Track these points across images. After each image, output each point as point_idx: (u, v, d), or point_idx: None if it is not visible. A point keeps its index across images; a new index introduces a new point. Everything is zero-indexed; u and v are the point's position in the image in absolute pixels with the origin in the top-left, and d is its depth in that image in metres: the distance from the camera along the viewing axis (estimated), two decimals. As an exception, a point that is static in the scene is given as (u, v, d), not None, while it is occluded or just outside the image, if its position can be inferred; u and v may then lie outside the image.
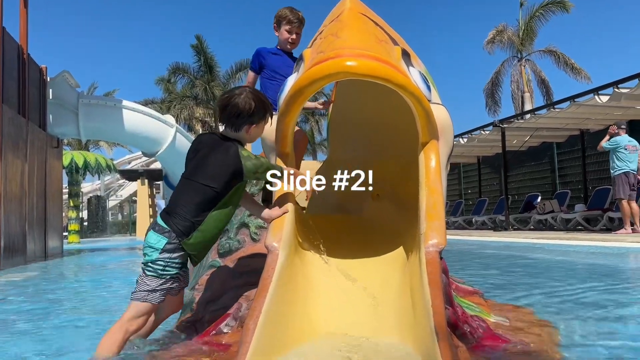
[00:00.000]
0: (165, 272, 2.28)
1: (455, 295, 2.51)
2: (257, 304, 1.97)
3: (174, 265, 2.29)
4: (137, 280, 2.31)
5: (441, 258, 2.14)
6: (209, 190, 2.28)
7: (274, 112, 2.57)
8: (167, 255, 2.26)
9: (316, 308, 2.31)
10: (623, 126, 10.09)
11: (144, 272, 2.29)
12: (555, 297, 3.67)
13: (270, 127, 2.56)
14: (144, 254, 2.30)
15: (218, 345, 2.31)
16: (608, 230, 11.23)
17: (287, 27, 3.40)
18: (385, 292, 2.35)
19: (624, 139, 9.77)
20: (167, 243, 2.25)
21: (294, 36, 3.43)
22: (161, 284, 2.28)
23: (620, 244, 7.59)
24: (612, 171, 9.83)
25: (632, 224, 9.54)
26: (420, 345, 1.88)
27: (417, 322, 1.96)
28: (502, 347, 2.12)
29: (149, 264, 2.28)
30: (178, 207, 2.30)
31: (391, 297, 2.29)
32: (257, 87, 3.48)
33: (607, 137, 9.95)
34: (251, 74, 3.56)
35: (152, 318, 2.42)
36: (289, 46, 3.45)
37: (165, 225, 2.28)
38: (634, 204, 9.56)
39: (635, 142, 9.81)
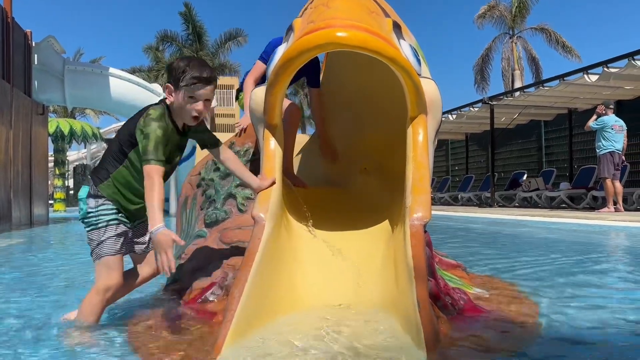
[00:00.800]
0: (99, 221, 2.24)
1: (438, 268, 2.56)
2: (243, 273, 1.99)
3: (104, 212, 2.25)
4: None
5: (425, 231, 2.17)
6: (117, 142, 2.29)
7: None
8: (92, 202, 2.24)
9: (302, 278, 2.35)
10: (611, 106, 10.19)
11: (86, 231, 2.29)
12: (537, 271, 3.75)
13: (258, 99, 2.55)
14: (79, 210, 2.29)
15: (203, 313, 2.34)
16: (591, 208, 11.41)
17: None
18: (370, 264, 2.38)
19: (611, 118, 9.86)
20: (88, 191, 2.26)
21: None
22: (104, 235, 2.24)
23: (603, 222, 7.74)
24: (598, 150, 9.94)
25: (614, 203, 9.71)
26: (403, 316, 1.92)
27: (400, 293, 2.00)
28: (481, 317, 2.18)
29: (84, 220, 2.28)
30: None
31: (376, 269, 2.33)
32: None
33: (595, 117, 10.04)
34: (260, 64, 3.23)
35: (126, 281, 2.37)
36: None
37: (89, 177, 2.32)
38: (617, 184, 9.72)
39: (621, 123, 9.91)
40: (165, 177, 2.21)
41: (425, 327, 1.71)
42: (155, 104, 2.29)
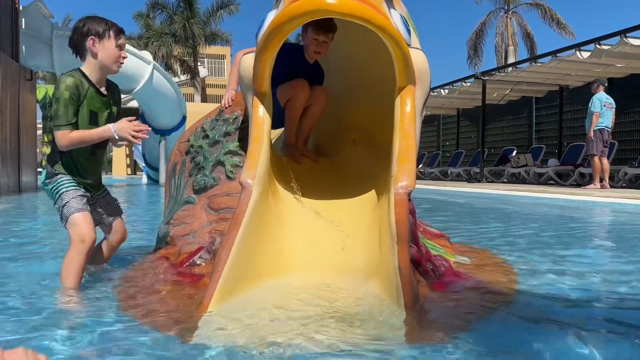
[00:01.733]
0: (60, 189, 2.43)
1: (422, 236, 2.62)
2: (230, 237, 2.03)
3: (62, 182, 2.44)
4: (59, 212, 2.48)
5: (410, 200, 2.22)
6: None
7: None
8: (51, 179, 2.48)
9: (287, 244, 2.39)
10: (605, 84, 10.20)
11: (55, 205, 2.49)
12: (520, 243, 3.84)
13: (247, 66, 2.55)
14: (47, 193, 2.56)
15: (191, 276, 2.39)
16: (578, 185, 11.56)
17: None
18: (355, 232, 2.43)
19: (602, 96, 9.88)
20: (46, 174, 2.52)
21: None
22: (66, 197, 2.41)
23: (588, 197, 7.86)
24: (587, 127, 9.98)
25: (601, 180, 9.84)
26: (385, 279, 1.98)
27: (382, 258, 2.05)
28: (460, 283, 2.25)
29: (50, 196, 2.52)
30: None
31: (361, 236, 2.38)
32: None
33: (594, 122, 9.78)
34: None
35: (99, 249, 2.62)
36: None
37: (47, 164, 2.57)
38: (604, 161, 9.80)
39: (611, 100, 9.94)
40: (104, 144, 2.52)
41: (406, 290, 1.77)
42: (63, 74, 2.42)
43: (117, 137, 2.34)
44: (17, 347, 1.08)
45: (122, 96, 3.24)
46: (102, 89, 2.48)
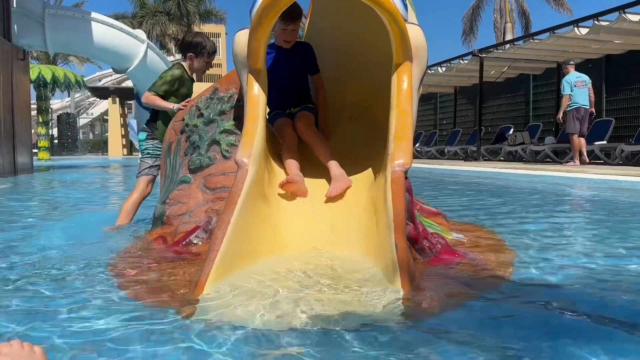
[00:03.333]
0: (154, 153, 3.63)
1: (419, 214, 2.61)
2: (226, 215, 2.03)
3: (158, 149, 3.58)
4: (138, 165, 3.68)
5: (406, 177, 2.21)
6: None
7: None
8: (150, 142, 3.67)
9: (283, 223, 2.39)
10: (572, 62, 10.54)
11: (142, 157, 3.67)
12: (516, 220, 3.85)
13: (242, 43, 2.51)
14: (139, 145, 3.79)
15: (188, 254, 2.39)
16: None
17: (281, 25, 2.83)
18: (352, 210, 2.43)
19: (572, 75, 10.13)
20: (146, 135, 3.70)
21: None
22: (154, 162, 3.62)
23: (585, 175, 7.88)
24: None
25: (581, 155, 10.03)
26: (381, 257, 1.98)
27: (379, 236, 2.05)
28: (457, 260, 2.26)
29: (144, 150, 3.68)
30: None
31: (358, 214, 2.38)
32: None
33: (562, 110, 10.28)
34: None
35: (147, 189, 3.68)
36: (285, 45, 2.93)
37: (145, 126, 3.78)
38: (582, 139, 10.12)
39: (584, 77, 10.15)
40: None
41: (402, 267, 1.77)
42: (174, 65, 3.73)
43: (174, 110, 3.40)
44: (13, 340, 1.08)
45: (116, 75, 4.31)
46: (193, 76, 3.71)
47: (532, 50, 13.19)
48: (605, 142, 11.34)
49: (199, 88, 3.59)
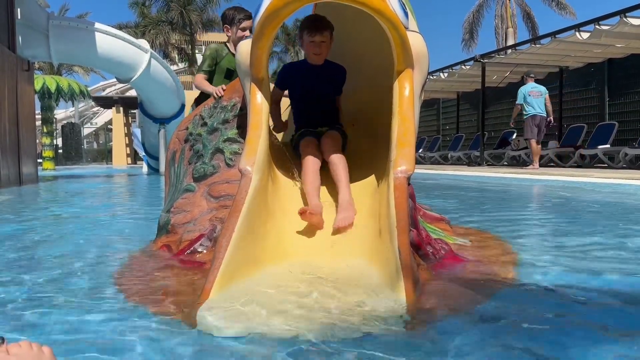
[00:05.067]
0: None
1: (422, 220, 2.62)
2: (230, 223, 2.04)
3: None
4: None
5: (409, 184, 2.22)
6: None
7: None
8: None
9: (288, 230, 2.40)
10: (532, 75, 11.71)
11: None
12: (521, 225, 3.84)
13: (244, 52, 2.53)
14: None
15: (192, 263, 2.41)
16: (579, 166, 11.56)
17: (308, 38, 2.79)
18: (356, 217, 2.44)
19: (527, 86, 11.29)
20: None
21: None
22: None
23: (588, 179, 7.87)
24: (524, 115, 11.27)
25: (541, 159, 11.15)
26: (384, 264, 1.99)
27: (382, 243, 2.06)
28: (460, 266, 2.26)
29: None
30: None
31: (360, 221, 2.39)
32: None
33: (515, 114, 11.69)
34: (275, 90, 2.94)
35: None
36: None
37: None
38: (533, 143, 11.11)
39: (539, 88, 11.27)
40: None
41: (406, 274, 1.78)
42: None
43: (215, 95, 3.23)
44: (22, 340, 1.09)
45: (120, 85, 4.17)
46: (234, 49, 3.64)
47: (534, 55, 13.22)
48: (608, 145, 11.34)
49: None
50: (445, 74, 16.16)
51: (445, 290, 1.97)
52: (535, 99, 11.12)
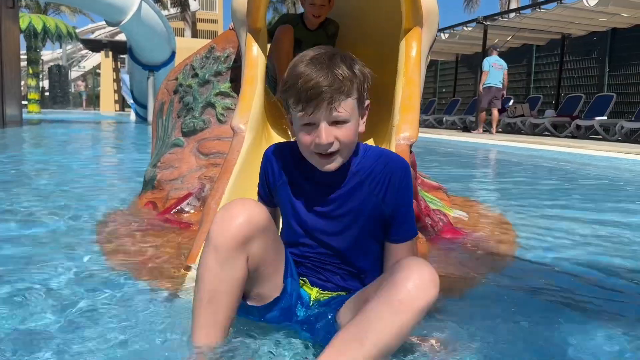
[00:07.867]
0: None
1: (420, 189, 2.51)
2: (220, 185, 1.91)
3: None
4: None
5: (411, 152, 2.09)
6: None
7: None
8: None
9: (281, 193, 2.28)
10: (497, 48, 12.34)
11: None
12: (515, 195, 3.78)
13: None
14: None
15: (179, 223, 2.29)
16: (574, 137, 11.48)
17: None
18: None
19: (492, 58, 11.78)
20: None
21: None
22: None
23: (584, 150, 7.81)
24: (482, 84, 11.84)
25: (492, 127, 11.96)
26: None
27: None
28: (459, 239, 2.17)
29: None
30: None
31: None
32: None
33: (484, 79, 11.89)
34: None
35: None
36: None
37: None
38: (494, 112, 11.90)
39: (501, 62, 11.77)
40: None
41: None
42: None
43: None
44: None
45: (110, 29, 3.54)
46: (310, 26, 2.88)
47: (537, 20, 12.88)
48: (605, 117, 11.22)
49: (196, 45, 3.40)
50: (446, 35, 15.76)
51: (444, 264, 1.88)
52: (496, 70, 11.70)
